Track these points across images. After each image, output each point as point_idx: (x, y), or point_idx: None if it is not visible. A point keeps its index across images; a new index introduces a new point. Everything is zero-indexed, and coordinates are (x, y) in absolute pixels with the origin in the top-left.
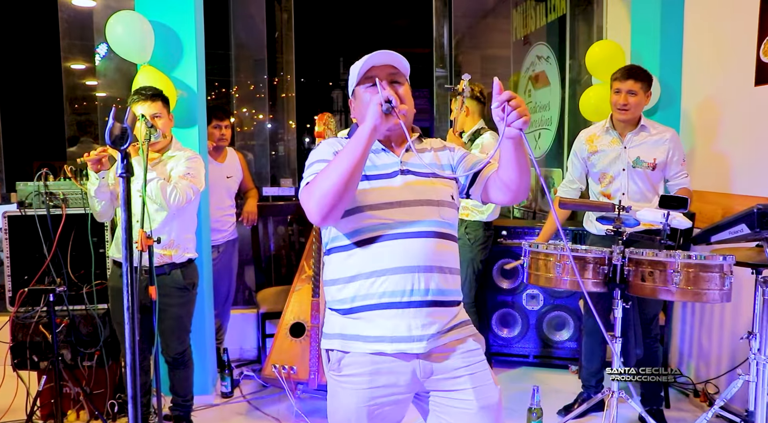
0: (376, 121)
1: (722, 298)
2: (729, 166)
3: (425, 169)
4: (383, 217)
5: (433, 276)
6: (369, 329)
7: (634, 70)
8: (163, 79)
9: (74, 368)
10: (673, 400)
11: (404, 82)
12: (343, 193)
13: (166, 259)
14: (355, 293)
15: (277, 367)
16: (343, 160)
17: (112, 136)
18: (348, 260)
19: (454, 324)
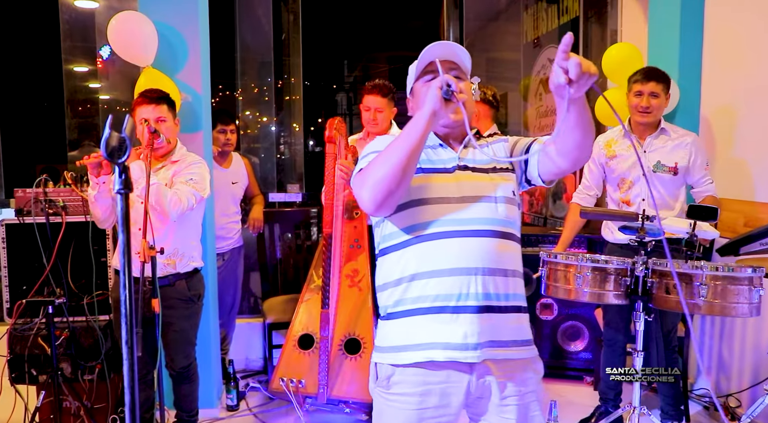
0: (435, 105)
1: (751, 311)
2: (751, 172)
3: (484, 164)
4: (438, 213)
5: (491, 278)
6: (419, 336)
7: (655, 71)
8: (167, 82)
9: (74, 382)
10: (693, 414)
11: (465, 78)
12: (400, 180)
13: (170, 270)
14: (405, 296)
15: (284, 381)
16: (399, 145)
17: (108, 148)
18: (400, 261)
19: (516, 339)
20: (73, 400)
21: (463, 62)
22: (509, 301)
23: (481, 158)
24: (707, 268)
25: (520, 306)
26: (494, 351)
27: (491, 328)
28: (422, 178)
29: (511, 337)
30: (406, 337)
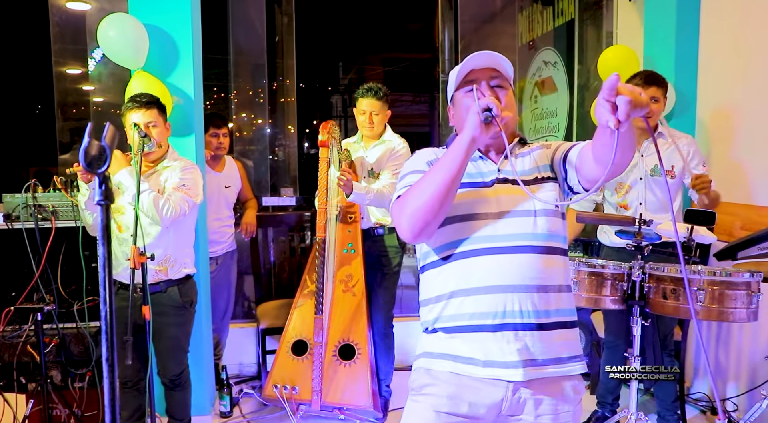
0: (475, 131)
1: (749, 317)
2: (747, 175)
3: (525, 175)
4: (475, 230)
5: (530, 296)
6: (460, 350)
7: (655, 75)
8: (158, 85)
9: (64, 390)
10: (690, 418)
11: (507, 86)
12: (438, 210)
13: (162, 276)
14: (443, 314)
15: (278, 387)
16: (439, 173)
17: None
18: (438, 278)
19: (557, 357)
20: (63, 408)
21: (504, 69)
22: (551, 318)
23: (523, 169)
24: (705, 273)
25: (564, 322)
26: (533, 370)
27: (531, 347)
28: (461, 194)
29: (552, 354)
30: (446, 348)
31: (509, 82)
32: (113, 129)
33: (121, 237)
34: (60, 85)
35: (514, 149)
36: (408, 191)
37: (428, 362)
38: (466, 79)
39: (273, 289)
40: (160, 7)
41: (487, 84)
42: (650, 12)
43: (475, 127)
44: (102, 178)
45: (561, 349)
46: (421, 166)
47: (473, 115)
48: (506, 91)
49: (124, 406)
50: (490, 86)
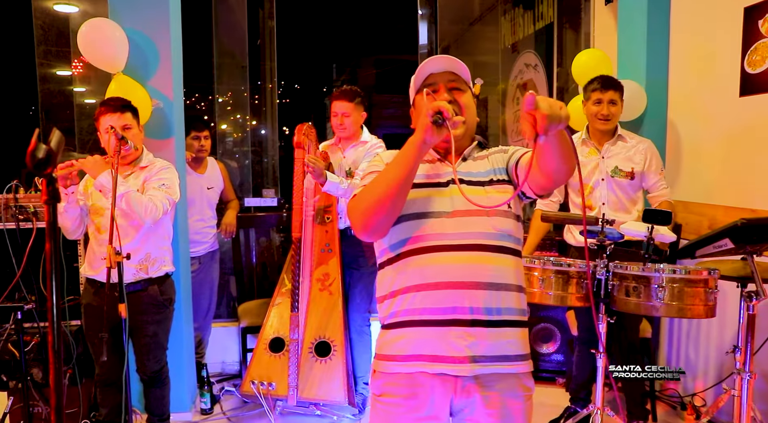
0: (426, 134)
1: (707, 313)
2: (715, 176)
3: (481, 177)
4: (429, 229)
5: (481, 293)
6: (410, 348)
7: (611, 80)
8: (138, 88)
9: (45, 387)
10: (660, 413)
11: (465, 88)
12: (390, 208)
13: (143, 275)
14: (397, 309)
15: (255, 383)
16: (390, 173)
17: (34, 160)
18: (393, 274)
19: (505, 354)
20: (43, 406)
21: (462, 73)
22: (500, 316)
23: (479, 170)
24: (665, 271)
25: (513, 320)
26: (481, 366)
27: (479, 343)
28: (416, 194)
29: (500, 352)
30: (398, 348)
31: (467, 85)
32: (59, 133)
33: (100, 238)
34: (44, 88)
35: (471, 152)
36: (362, 190)
37: (384, 365)
38: (426, 83)
39: (255, 289)
40: (140, 11)
41: (445, 87)
42: (623, 17)
43: (425, 129)
44: (48, 178)
45: (509, 347)
46: (381, 167)
47: (424, 118)
48: (463, 93)
49: (103, 403)
50: (447, 90)
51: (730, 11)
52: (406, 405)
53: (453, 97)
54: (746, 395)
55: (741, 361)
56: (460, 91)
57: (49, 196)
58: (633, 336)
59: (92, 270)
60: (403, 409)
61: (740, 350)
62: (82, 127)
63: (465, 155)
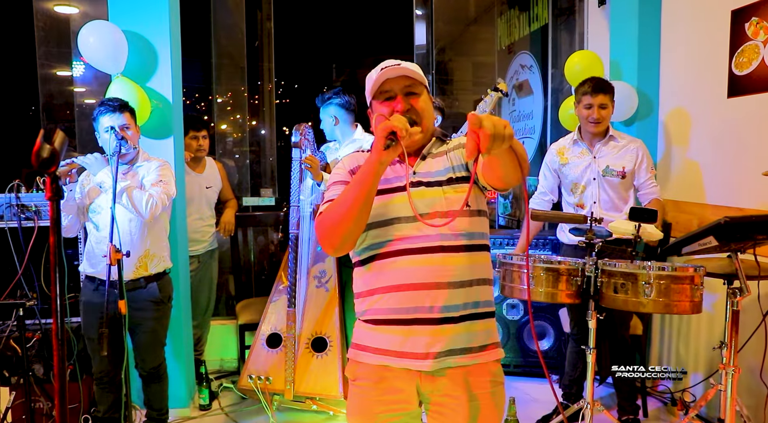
0: (381, 156)
1: (693, 309)
2: (704, 176)
3: (440, 176)
4: (391, 234)
5: (444, 292)
6: (378, 342)
7: (602, 83)
8: (137, 89)
9: (46, 383)
10: (652, 409)
11: (421, 90)
12: (352, 228)
13: (142, 272)
14: (367, 307)
15: (252, 378)
16: (350, 195)
17: (38, 159)
18: (363, 275)
19: (470, 346)
20: (45, 401)
21: (416, 75)
22: (460, 311)
23: (437, 169)
24: (652, 268)
25: (475, 313)
26: (446, 360)
27: (444, 339)
28: (377, 200)
29: (462, 344)
30: (368, 341)
31: (423, 86)
32: (63, 134)
33: (99, 235)
34: (45, 88)
35: (430, 149)
36: (326, 210)
37: (356, 354)
38: (381, 90)
39: (253, 287)
40: (139, 14)
41: (401, 93)
42: (615, 19)
43: (379, 151)
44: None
45: (472, 339)
46: (344, 176)
47: (377, 141)
48: (419, 97)
49: (102, 399)
50: (403, 95)
51: (719, 14)
52: (377, 389)
53: (409, 105)
54: (731, 390)
55: (727, 356)
56: (416, 96)
57: (53, 193)
58: (623, 332)
59: (91, 267)
60: (375, 393)
61: (726, 346)
62: (82, 128)
63: (424, 153)
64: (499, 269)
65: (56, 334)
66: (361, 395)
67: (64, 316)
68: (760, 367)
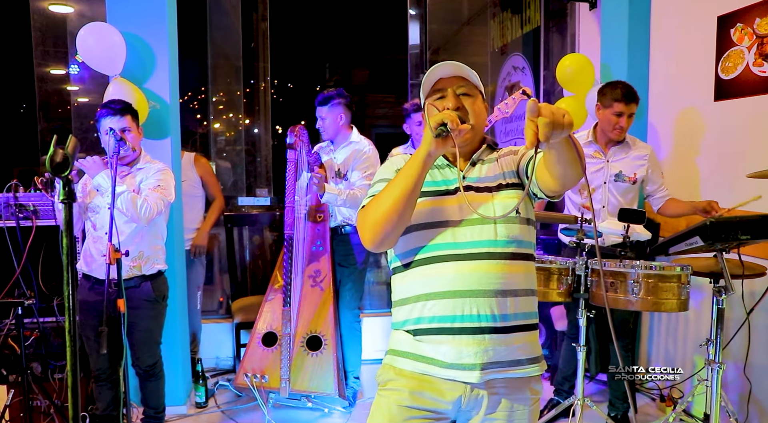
0: (430, 146)
1: (680, 307)
2: (692, 177)
3: (490, 182)
4: (437, 238)
5: (489, 301)
6: (422, 350)
7: (634, 92)
8: (135, 91)
9: (44, 381)
10: (641, 404)
11: (476, 94)
12: (397, 221)
13: (136, 272)
14: (408, 316)
15: (248, 376)
16: (397, 186)
17: (52, 164)
18: (403, 282)
19: (515, 359)
20: (42, 399)
21: (471, 78)
22: (509, 322)
23: (487, 175)
24: (641, 267)
25: (523, 325)
26: (490, 372)
27: (489, 349)
28: (424, 203)
29: (510, 357)
30: (411, 348)
31: (478, 89)
32: (75, 140)
33: (96, 235)
34: (42, 87)
35: (481, 155)
36: (370, 203)
37: (393, 359)
38: (435, 88)
39: (248, 286)
40: (137, 16)
41: (453, 92)
42: (606, 23)
43: (429, 142)
44: (65, 180)
45: (519, 351)
46: (390, 174)
47: (427, 130)
48: (473, 99)
49: (99, 397)
50: (455, 95)
51: (705, 20)
52: (411, 398)
53: (461, 103)
54: (716, 385)
55: (712, 352)
56: (469, 97)
57: (66, 196)
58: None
59: (87, 266)
60: (408, 401)
61: (712, 343)
62: (78, 126)
63: (474, 159)
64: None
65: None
66: (392, 401)
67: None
68: (744, 363)
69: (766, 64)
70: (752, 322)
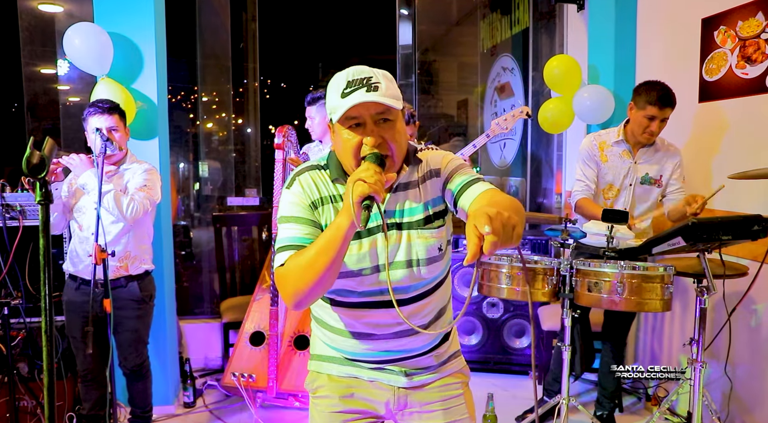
0: (354, 220)
1: (663, 307)
2: None
3: (409, 217)
4: (354, 285)
5: (411, 339)
6: (346, 353)
7: (671, 96)
8: (122, 91)
9: (31, 381)
10: (627, 404)
11: (395, 116)
12: (319, 291)
13: (123, 272)
14: (326, 341)
15: (236, 375)
16: (319, 259)
17: (29, 165)
18: (325, 311)
19: (440, 363)
20: (29, 399)
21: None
22: (432, 345)
23: (410, 207)
24: (625, 268)
25: (442, 340)
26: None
27: (415, 372)
28: None
29: (433, 363)
30: (334, 351)
31: (397, 108)
32: (52, 142)
33: (82, 236)
34: (30, 87)
35: (400, 183)
36: (290, 267)
37: (319, 365)
38: (349, 115)
39: (237, 286)
40: (124, 15)
41: (372, 120)
42: (593, 24)
43: (351, 215)
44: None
45: (440, 358)
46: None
47: (352, 207)
48: (393, 124)
49: (86, 397)
50: (374, 122)
51: (690, 22)
52: (343, 403)
53: (382, 136)
54: (698, 383)
55: (695, 352)
56: (390, 123)
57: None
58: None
59: (74, 267)
60: (340, 407)
61: (696, 342)
62: (67, 126)
63: (395, 187)
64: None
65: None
66: (323, 408)
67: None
68: (725, 362)
69: (748, 66)
70: (734, 322)
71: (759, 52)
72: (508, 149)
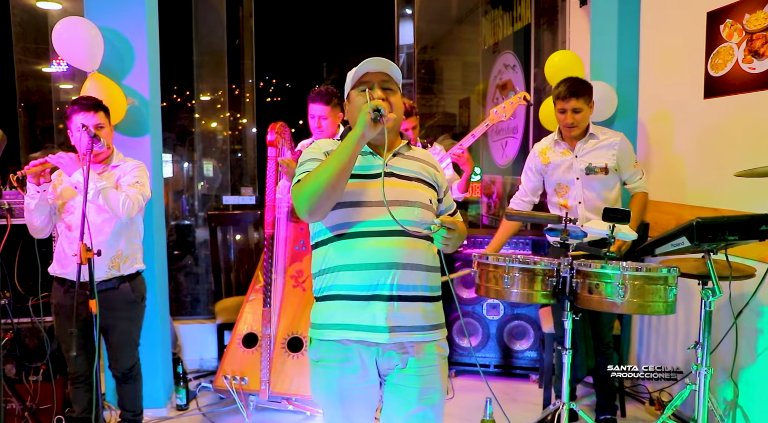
0: (365, 129)
1: (666, 309)
2: (682, 176)
3: (409, 173)
4: (359, 215)
5: (399, 272)
6: (337, 317)
7: (575, 87)
8: (113, 87)
9: (18, 383)
10: (629, 408)
11: (396, 90)
12: (331, 194)
13: (115, 272)
14: (326, 284)
15: (228, 378)
16: (333, 163)
17: None
18: (325, 254)
19: (421, 325)
20: (17, 402)
21: (394, 74)
22: (416, 292)
23: (407, 167)
24: (628, 269)
25: (427, 296)
26: (399, 335)
27: (399, 315)
28: (351, 184)
29: (416, 322)
30: (328, 318)
31: (398, 86)
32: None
33: (71, 236)
34: (23, 84)
35: (401, 149)
36: (306, 177)
37: (317, 333)
38: (361, 81)
39: (232, 286)
40: (115, 10)
41: (379, 86)
42: (596, 21)
43: (365, 125)
44: None
45: (423, 318)
46: (319, 155)
47: (364, 114)
48: (395, 94)
49: (76, 400)
50: (381, 88)
51: (695, 16)
52: (341, 368)
53: (385, 96)
54: (703, 389)
55: (700, 356)
56: (391, 91)
57: None
58: (607, 333)
59: (62, 268)
60: (339, 372)
61: (701, 346)
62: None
63: (395, 151)
64: (476, 269)
65: None
66: (326, 375)
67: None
68: (731, 367)
69: (755, 60)
70: (740, 325)
71: (766, 46)
72: (510, 147)
